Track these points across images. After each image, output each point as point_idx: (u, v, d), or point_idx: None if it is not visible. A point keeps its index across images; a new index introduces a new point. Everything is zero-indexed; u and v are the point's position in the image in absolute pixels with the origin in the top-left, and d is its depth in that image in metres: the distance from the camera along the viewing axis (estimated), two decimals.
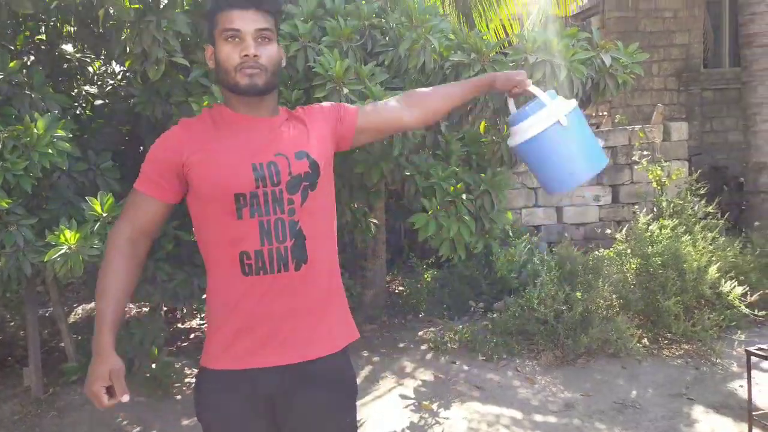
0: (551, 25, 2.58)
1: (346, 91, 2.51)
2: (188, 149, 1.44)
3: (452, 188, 2.92)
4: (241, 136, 1.47)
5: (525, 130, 1.67)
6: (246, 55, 1.44)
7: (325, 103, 1.67)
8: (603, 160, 1.71)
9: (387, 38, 2.96)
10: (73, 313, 5.52)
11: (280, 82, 2.91)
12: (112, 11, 2.32)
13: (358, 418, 3.26)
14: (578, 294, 4.15)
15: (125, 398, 1.38)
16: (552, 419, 3.35)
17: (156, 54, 2.51)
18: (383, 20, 2.91)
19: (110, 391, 1.37)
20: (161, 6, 2.55)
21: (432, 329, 4.75)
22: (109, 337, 1.40)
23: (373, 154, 2.85)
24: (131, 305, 5.51)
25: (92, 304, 5.74)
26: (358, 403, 1.62)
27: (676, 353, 4.10)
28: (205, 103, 2.56)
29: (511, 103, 1.79)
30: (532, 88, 1.66)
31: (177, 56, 2.62)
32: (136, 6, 2.48)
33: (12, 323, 5.00)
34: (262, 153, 1.44)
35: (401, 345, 4.54)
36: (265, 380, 1.45)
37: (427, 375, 3.98)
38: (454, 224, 2.86)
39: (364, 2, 2.93)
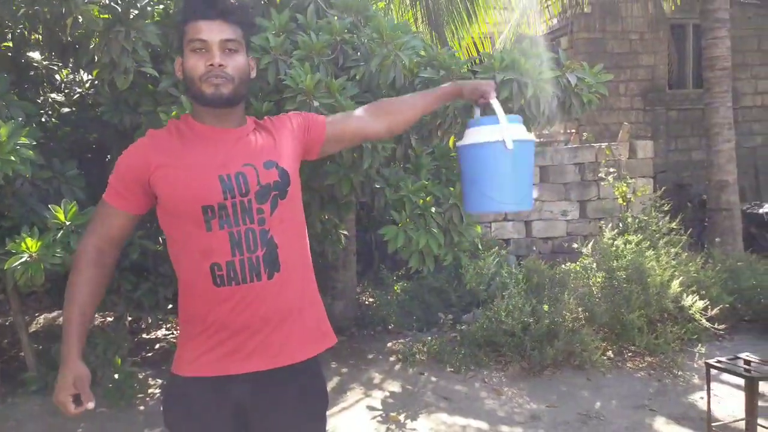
0: (521, 45, 2.64)
1: (316, 104, 2.53)
2: (154, 161, 1.44)
3: (421, 201, 2.95)
4: (208, 147, 1.47)
5: (471, 135, 1.69)
6: (211, 65, 1.44)
7: (292, 113, 1.68)
8: (528, 204, 1.72)
9: (358, 53, 2.99)
10: (35, 322, 5.41)
11: (250, 93, 2.94)
12: (80, 20, 2.30)
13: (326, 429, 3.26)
14: (545, 306, 4.21)
15: (90, 405, 1.40)
16: (518, 430, 3.38)
17: (125, 64, 2.50)
18: (355, 36, 2.94)
19: (77, 399, 1.39)
20: (131, 16, 2.54)
21: (401, 341, 4.76)
22: (76, 345, 1.41)
23: (344, 166, 2.86)
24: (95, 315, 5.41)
25: (54, 314, 5.63)
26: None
27: (640, 365, 4.18)
28: (174, 114, 2.56)
29: (477, 111, 1.81)
30: (494, 103, 1.67)
31: (146, 66, 2.61)
32: (106, 16, 2.47)
33: None
34: (229, 164, 1.44)
35: (370, 356, 4.55)
36: (236, 388, 1.45)
37: (395, 386, 4.00)
38: (423, 237, 2.89)
39: (336, 18, 2.96)
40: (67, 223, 2.55)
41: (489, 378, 4.08)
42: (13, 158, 2.38)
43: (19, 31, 3.28)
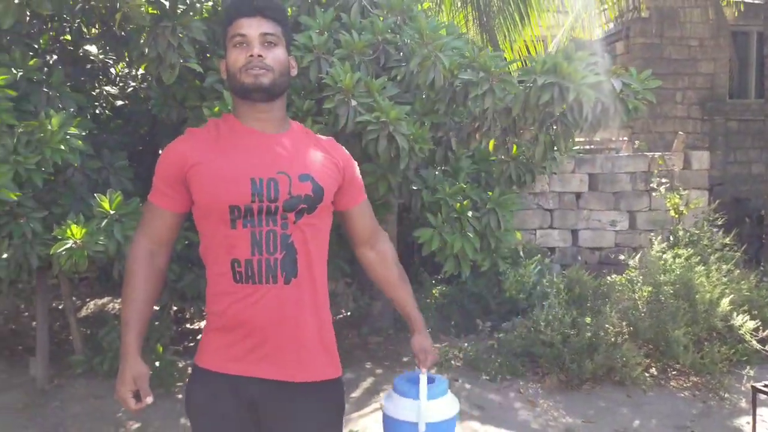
0: (566, 49, 2.58)
1: (354, 102, 2.54)
2: (191, 159, 1.47)
3: (458, 205, 2.93)
4: (245, 149, 1.49)
5: (390, 403, 1.63)
6: (251, 56, 1.47)
7: (353, 162, 1.65)
8: None
9: (401, 54, 2.99)
10: (85, 308, 5.61)
11: (293, 91, 2.98)
12: (129, 15, 2.38)
13: (355, 430, 3.26)
14: (587, 319, 4.10)
15: (149, 400, 1.47)
16: None
17: (170, 59, 2.57)
18: (397, 36, 2.94)
19: (136, 395, 1.46)
20: (178, 12, 2.61)
21: (437, 345, 4.72)
22: (134, 344, 1.48)
23: (381, 167, 2.87)
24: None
25: (104, 299, 5.83)
26: (356, 414, 1.64)
27: (684, 385, 4.02)
28: (216, 109, 2.61)
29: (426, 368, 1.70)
30: (422, 378, 1.61)
31: (191, 62, 2.67)
32: (154, 11, 2.54)
33: (26, 313, 5.11)
34: (263, 168, 1.45)
35: (405, 359, 4.52)
36: (247, 388, 1.47)
37: None
38: (458, 240, 2.87)
39: (380, 18, 2.96)
40: (112, 212, 2.64)
41: (525, 388, 3.99)
42: (62, 147, 2.48)
43: (76, 25, 3.42)
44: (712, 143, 8.05)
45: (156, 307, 4.53)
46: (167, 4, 2.61)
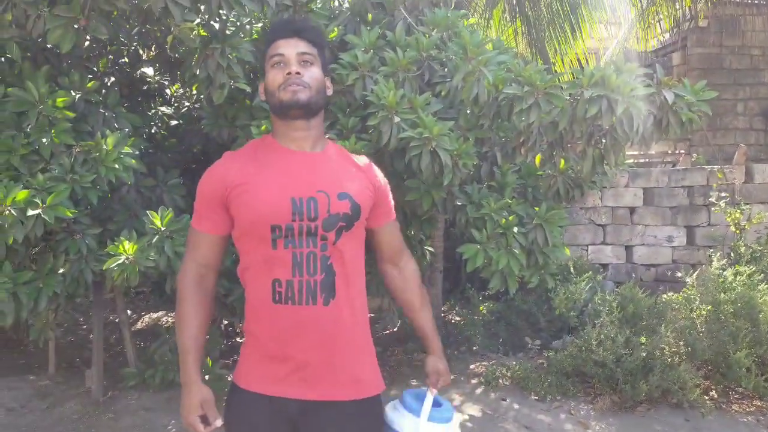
0: (615, 61, 2.51)
1: (397, 119, 2.55)
2: (231, 182, 1.50)
3: (503, 220, 2.88)
4: (284, 169, 1.52)
5: (392, 412, 1.63)
6: (289, 73, 1.51)
7: (385, 182, 1.68)
8: None
9: (445, 69, 2.98)
10: (140, 321, 5.78)
11: (337, 109, 3.01)
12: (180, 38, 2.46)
13: None
14: (642, 339, 3.96)
15: (218, 423, 1.50)
16: None
17: (220, 79, 2.64)
18: (442, 52, 2.94)
19: (204, 418, 1.49)
20: (227, 33, 2.68)
21: (484, 363, 4.64)
22: (195, 369, 1.51)
23: (425, 182, 2.86)
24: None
25: (159, 313, 6.00)
26: None
27: (747, 409, 3.82)
28: (263, 128, 2.66)
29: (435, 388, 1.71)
30: (428, 397, 1.62)
31: (240, 82, 2.74)
32: (204, 33, 2.62)
33: (84, 327, 5.30)
34: (303, 188, 1.48)
35: (452, 377, 4.44)
36: (287, 407, 1.49)
37: (474, 410, 3.89)
38: (503, 257, 2.82)
39: (425, 36, 2.97)
40: (163, 228, 2.72)
41: (576, 410, 3.87)
42: (117, 166, 2.58)
43: (133, 48, 3.56)
44: None
45: None
46: (217, 26, 2.69)
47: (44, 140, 2.54)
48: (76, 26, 2.38)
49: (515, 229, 2.86)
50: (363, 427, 1.55)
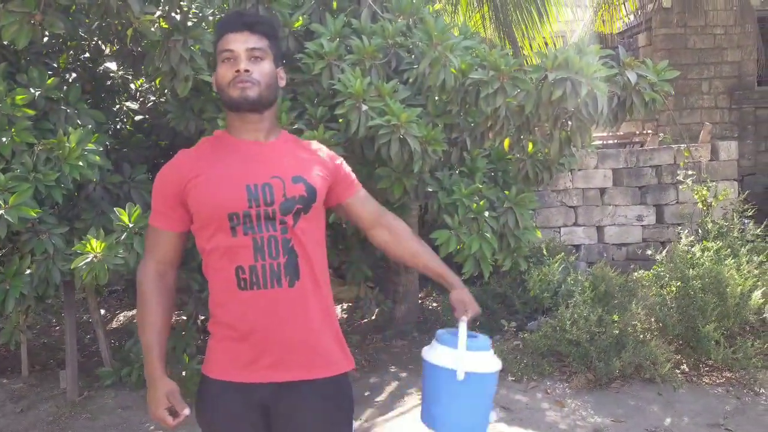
0: (578, 43, 2.54)
1: (365, 107, 2.54)
2: (186, 176, 1.50)
3: (475, 205, 2.90)
4: (238, 159, 1.53)
5: (431, 351, 1.63)
6: (237, 71, 1.50)
7: (338, 159, 1.69)
8: None
9: (412, 56, 2.98)
10: (115, 320, 5.71)
11: (305, 99, 2.99)
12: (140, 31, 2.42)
13: None
14: (615, 316, 4.03)
15: (186, 412, 1.51)
16: None
17: (183, 72, 2.60)
18: (408, 39, 2.94)
19: (172, 410, 1.51)
20: (189, 26, 2.64)
21: None
22: (159, 364, 1.53)
23: (395, 170, 2.86)
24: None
25: (133, 312, 5.93)
26: (381, 419, 1.65)
27: (717, 381, 3.92)
28: None
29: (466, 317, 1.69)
30: (461, 327, 1.60)
31: (204, 74, 2.70)
32: (164, 25, 2.58)
33: (57, 328, 5.22)
34: (257, 175, 1.49)
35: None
36: (258, 392, 1.50)
37: None
38: (475, 241, 2.84)
39: (391, 23, 2.96)
40: (131, 225, 2.68)
41: (552, 389, 3.93)
42: (81, 163, 2.53)
43: (94, 43, 3.49)
44: (742, 132, 7.85)
45: (184, 317, 4.62)
46: (178, 18, 2.64)
47: (4, 139, 2.49)
48: (32, 22, 2.32)
49: (486, 214, 2.89)
50: (334, 404, 1.56)
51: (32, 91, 2.70)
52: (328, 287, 1.60)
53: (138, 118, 4.03)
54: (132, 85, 4.08)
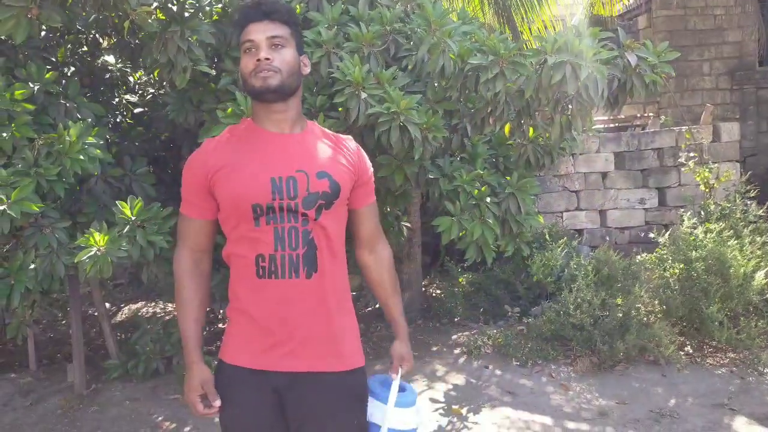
0: (577, 26, 2.52)
1: (364, 95, 2.53)
2: (212, 166, 1.53)
3: (476, 191, 2.90)
4: (263, 150, 1.54)
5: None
6: (258, 60, 1.51)
7: (368, 161, 1.70)
8: None
9: (411, 43, 2.96)
10: (120, 313, 5.73)
11: (304, 88, 2.98)
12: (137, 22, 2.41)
13: None
14: (618, 300, 4.04)
15: (217, 403, 1.54)
16: (584, 427, 3.27)
17: (181, 63, 2.60)
18: (406, 25, 2.92)
19: (203, 399, 1.55)
20: (186, 16, 2.63)
21: (466, 333, 4.71)
22: (197, 351, 1.57)
23: (396, 158, 2.86)
24: (169, 305, 5.68)
25: (138, 304, 5.96)
26: None
27: (721, 362, 3.93)
28: (229, 110, 2.63)
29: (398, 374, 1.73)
30: (393, 384, 1.65)
31: (202, 65, 2.70)
32: (161, 16, 2.57)
33: (63, 322, 5.25)
34: (282, 168, 1.51)
35: (434, 348, 4.52)
36: (273, 380, 1.53)
37: (458, 379, 3.95)
38: (477, 227, 2.84)
39: (389, 9, 2.94)
40: (133, 218, 2.68)
41: (556, 373, 3.95)
42: (81, 157, 2.53)
43: (92, 36, 3.48)
44: (744, 113, 7.81)
45: None
46: (175, 8, 2.63)
47: (4, 134, 2.49)
48: (29, 16, 2.31)
49: (488, 200, 2.89)
50: (348, 398, 1.58)
51: (31, 85, 2.70)
52: (345, 281, 1.62)
53: (137, 110, 4.02)
54: (130, 78, 4.07)
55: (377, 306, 5.30)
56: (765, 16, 7.68)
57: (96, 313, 5.20)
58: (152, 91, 4.14)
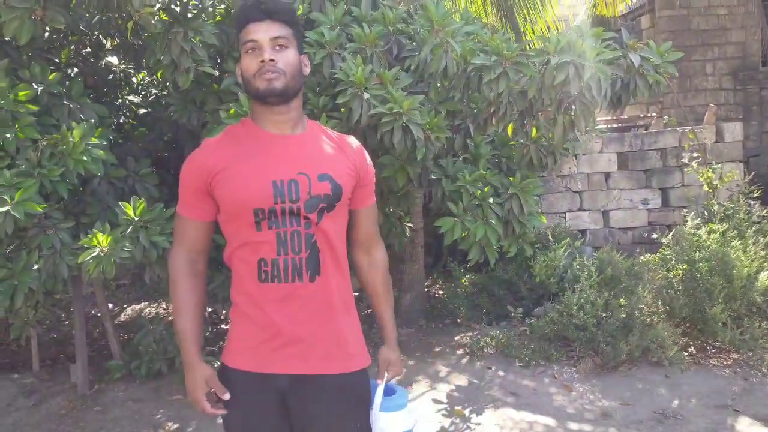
0: (580, 27, 2.52)
1: (367, 96, 2.53)
2: (213, 169, 1.50)
3: (479, 192, 2.90)
4: (265, 152, 1.52)
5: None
6: (262, 61, 1.48)
7: (369, 161, 1.68)
8: None
9: (413, 43, 2.97)
10: (123, 314, 5.74)
11: (307, 88, 2.98)
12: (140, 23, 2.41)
13: None
14: (621, 300, 4.03)
15: (226, 396, 1.53)
16: (587, 428, 3.26)
17: (184, 64, 2.60)
18: (409, 26, 2.92)
19: (209, 396, 1.53)
20: (189, 17, 2.64)
21: (469, 334, 4.70)
22: (195, 349, 1.54)
23: (399, 158, 2.86)
24: (171, 306, 5.69)
25: (141, 304, 5.96)
26: None
27: (725, 363, 3.92)
28: (232, 111, 2.63)
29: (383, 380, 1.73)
30: (378, 389, 1.64)
31: (205, 66, 2.70)
32: (165, 18, 2.57)
33: (67, 322, 5.25)
34: (283, 170, 1.49)
35: (437, 349, 4.51)
36: (276, 382, 1.52)
37: (461, 380, 3.95)
38: (480, 228, 2.84)
39: (392, 10, 2.94)
40: (136, 218, 2.69)
41: (559, 373, 3.94)
42: (85, 158, 2.54)
43: (95, 37, 3.48)
44: (747, 113, 7.80)
45: None
46: (178, 9, 2.64)
47: (8, 135, 2.49)
48: (33, 17, 2.32)
49: (491, 200, 2.89)
50: (351, 400, 1.58)
51: (35, 86, 2.70)
52: (348, 283, 1.61)
53: (140, 111, 4.03)
54: (134, 79, 4.08)
55: None
56: None
57: (99, 314, 5.21)
58: (155, 92, 4.15)
